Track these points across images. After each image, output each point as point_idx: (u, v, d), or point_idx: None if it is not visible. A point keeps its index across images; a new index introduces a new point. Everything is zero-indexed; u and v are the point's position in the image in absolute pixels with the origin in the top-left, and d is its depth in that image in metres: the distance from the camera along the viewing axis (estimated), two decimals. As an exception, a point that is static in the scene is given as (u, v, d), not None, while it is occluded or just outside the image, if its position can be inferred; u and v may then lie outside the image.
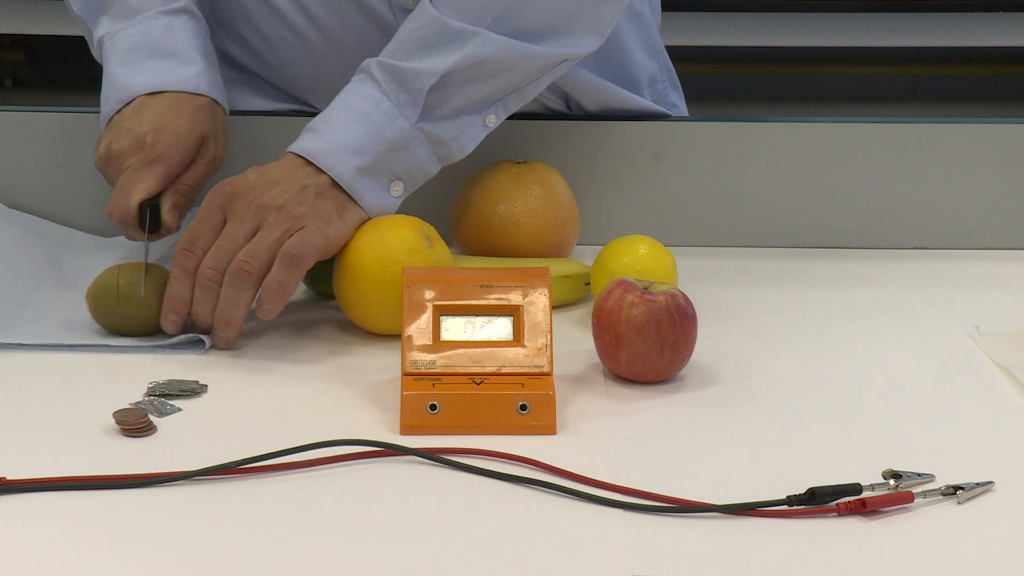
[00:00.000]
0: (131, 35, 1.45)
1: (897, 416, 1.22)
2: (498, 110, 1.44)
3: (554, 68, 1.45)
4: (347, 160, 1.36)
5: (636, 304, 1.25)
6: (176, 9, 1.47)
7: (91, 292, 1.34)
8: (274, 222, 1.32)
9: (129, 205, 1.37)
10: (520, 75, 1.43)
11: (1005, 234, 1.60)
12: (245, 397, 1.24)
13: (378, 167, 1.38)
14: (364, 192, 1.37)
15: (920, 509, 1.07)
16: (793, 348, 1.35)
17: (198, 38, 1.47)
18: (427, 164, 1.41)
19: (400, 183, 1.39)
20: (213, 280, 1.31)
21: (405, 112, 1.38)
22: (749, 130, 1.59)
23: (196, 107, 1.42)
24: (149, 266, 1.34)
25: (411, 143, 1.39)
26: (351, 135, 1.37)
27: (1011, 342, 1.35)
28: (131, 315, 1.32)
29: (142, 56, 1.44)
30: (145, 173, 1.38)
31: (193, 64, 1.45)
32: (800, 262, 1.57)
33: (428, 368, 1.20)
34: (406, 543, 1.02)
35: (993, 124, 1.59)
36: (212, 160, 1.43)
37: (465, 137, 1.42)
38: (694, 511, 1.06)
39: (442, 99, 1.40)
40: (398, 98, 1.38)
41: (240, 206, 1.33)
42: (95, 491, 1.08)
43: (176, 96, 1.43)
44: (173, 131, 1.40)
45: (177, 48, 1.45)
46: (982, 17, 3.81)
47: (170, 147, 1.39)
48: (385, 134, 1.38)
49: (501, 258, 1.45)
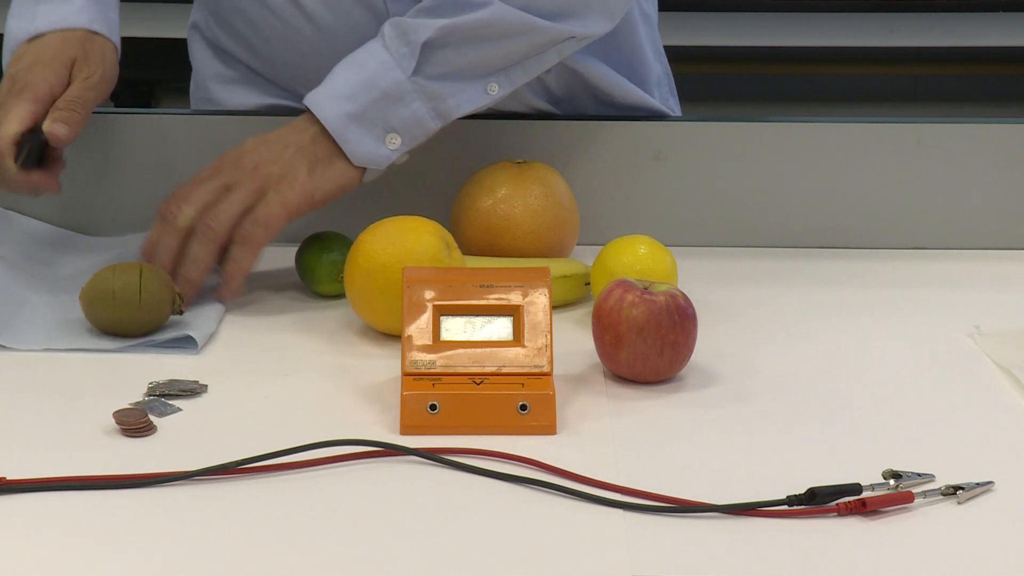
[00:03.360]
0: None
1: (897, 416, 1.22)
2: (501, 80, 1.45)
3: (560, 44, 1.46)
4: (336, 105, 1.39)
5: (636, 304, 1.25)
6: None
7: (85, 295, 1.33)
8: (243, 181, 1.37)
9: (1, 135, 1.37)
10: (524, 46, 1.44)
11: (1005, 234, 1.60)
12: (245, 397, 1.24)
13: (370, 116, 1.39)
14: (352, 139, 1.39)
15: (920, 509, 1.07)
16: (793, 348, 1.35)
17: None
18: (425, 119, 1.41)
19: (396, 135, 1.40)
20: (172, 220, 1.37)
21: (402, 64, 1.40)
22: (749, 130, 1.59)
23: (66, 38, 1.43)
24: (144, 267, 1.34)
25: (406, 95, 1.40)
26: (346, 82, 1.40)
27: (1011, 342, 1.35)
28: (127, 317, 1.32)
29: (31, 2, 1.45)
30: (12, 103, 1.38)
31: (72, 2, 1.44)
32: (800, 262, 1.57)
33: (428, 368, 1.20)
34: (406, 543, 1.02)
35: (993, 124, 1.59)
36: (89, 77, 1.42)
37: (463, 96, 1.43)
38: (694, 511, 1.06)
39: (439, 55, 1.41)
40: (397, 51, 1.40)
41: (223, 166, 1.39)
42: (95, 491, 1.08)
43: (53, 36, 1.43)
44: (40, 62, 1.40)
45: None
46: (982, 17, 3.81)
47: (36, 76, 1.39)
48: (378, 83, 1.40)
49: (501, 258, 1.45)
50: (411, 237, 1.33)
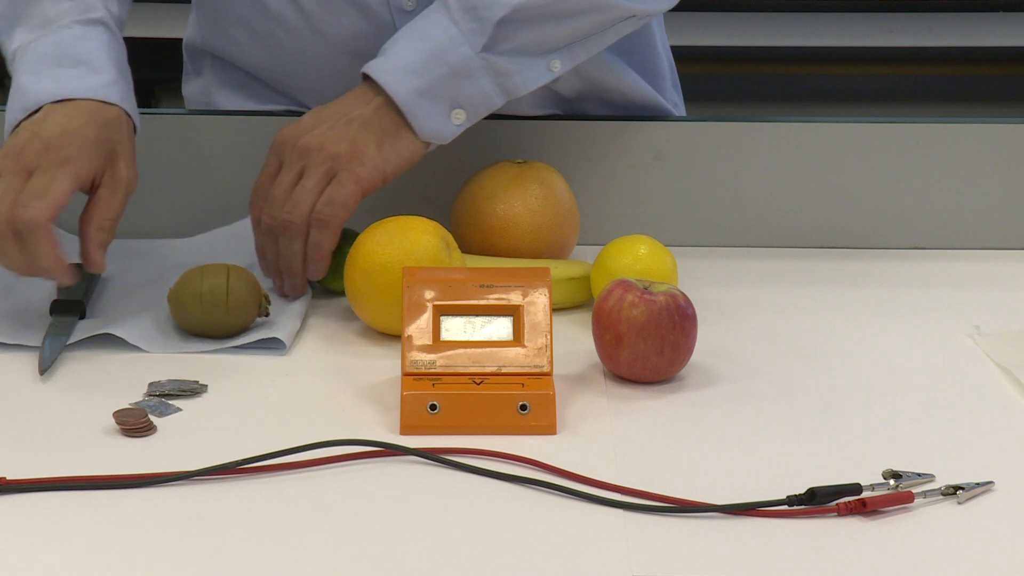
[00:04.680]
0: (43, 45, 1.39)
1: (897, 416, 1.22)
2: (563, 57, 1.45)
3: (620, 23, 1.47)
4: (406, 80, 1.38)
5: (636, 304, 1.25)
6: (92, 19, 1.40)
7: (174, 296, 1.33)
8: (313, 165, 1.37)
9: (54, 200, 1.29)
10: (590, 24, 1.45)
11: (1005, 234, 1.60)
12: (245, 397, 1.24)
13: (437, 91, 1.39)
14: (420, 114, 1.38)
15: (920, 509, 1.07)
16: (793, 348, 1.35)
17: (113, 49, 1.40)
18: (491, 95, 1.41)
19: (462, 111, 1.40)
20: (271, 227, 1.37)
21: (471, 40, 1.39)
22: (749, 130, 1.59)
23: (105, 118, 1.35)
24: (231, 268, 1.34)
25: (474, 71, 1.40)
26: (413, 55, 1.39)
27: (1011, 342, 1.35)
28: (214, 320, 1.32)
29: (51, 64, 1.37)
30: (56, 172, 1.30)
31: (104, 73, 1.37)
32: (800, 262, 1.57)
33: (428, 368, 1.20)
34: (406, 543, 1.02)
35: (993, 124, 1.59)
36: (128, 185, 1.35)
37: (529, 73, 1.43)
38: (694, 511, 1.06)
39: (510, 33, 1.41)
40: (466, 26, 1.39)
41: (288, 151, 1.38)
42: (95, 491, 1.08)
43: (84, 103, 1.35)
44: (82, 136, 1.32)
45: (89, 56, 1.38)
46: (982, 17, 3.81)
47: (80, 151, 1.32)
48: (447, 59, 1.39)
49: (501, 258, 1.45)
50: (411, 237, 1.33)
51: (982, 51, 3.88)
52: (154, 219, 1.56)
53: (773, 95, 4.08)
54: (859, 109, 4.00)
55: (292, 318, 1.35)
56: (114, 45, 1.41)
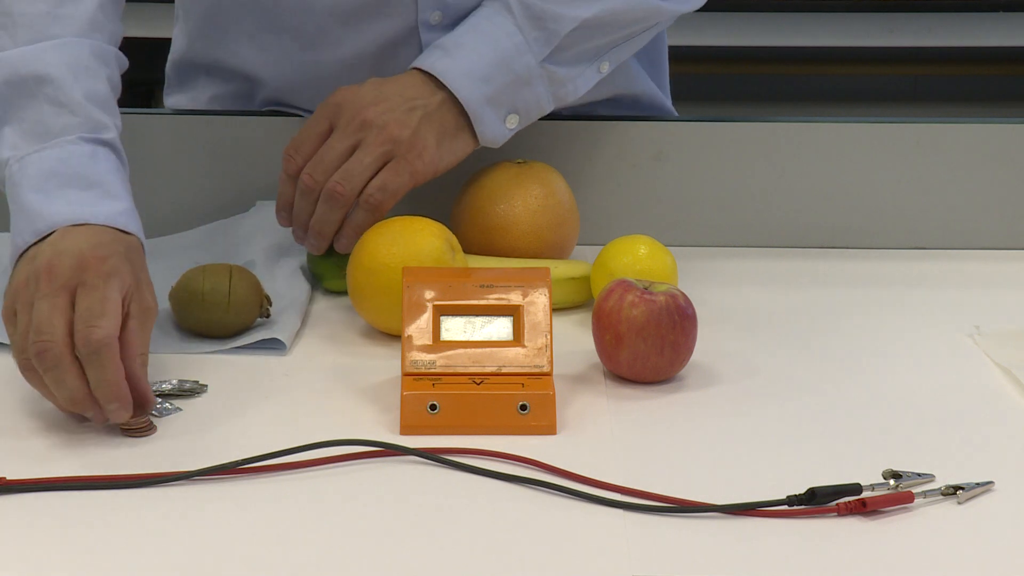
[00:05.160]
0: (47, 159, 1.25)
1: (897, 416, 1.22)
2: (612, 58, 1.48)
3: (656, 26, 1.50)
4: (476, 87, 1.39)
5: (636, 304, 1.25)
6: (102, 140, 1.28)
7: (175, 296, 1.33)
8: (372, 142, 1.36)
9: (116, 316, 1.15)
10: (639, 28, 1.47)
11: (1005, 234, 1.60)
12: (245, 397, 1.24)
13: (501, 98, 1.40)
14: (486, 119, 1.40)
15: (920, 509, 1.07)
16: (793, 348, 1.35)
17: (122, 174, 1.29)
18: (544, 102, 1.43)
19: (516, 116, 1.42)
20: (311, 188, 1.37)
21: (534, 49, 1.40)
22: (749, 130, 1.59)
23: (127, 244, 1.22)
24: (233, 268, 1.34)
25: (534, 79, 1.41)
26: (482, 61, 1.40)
27: (1011, 342, 1.35)
28: (215, 320, 1.32)
29: (60, 183, 1.24)
30: (108, 287, 1.16)
31: (121, 200, 1.25)
32: (800, 262, 1.57)
33: (428, 368, 1.20)
34: (406, 543, 1.02)
35: (993, 124, 1.59)
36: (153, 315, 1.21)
37: (581, 80, 1.45)
38: (694, 511, 1.06)
39: (571, 43, 1.42)
40: (531, 34, 1.40)
41: (345, 118, 1.37)
42: (95, 491, 1.08)
43: (102, 228, 1.22)
44: (115, 252, 1.19)
45: (103, 180, 1.25)
46: (982, 17, 3.81)
47: (120, 264, 1.18)
48: (513, 66, 1.40)
49: (501, 258, 1.45)
50: (416, 238, 1.33)
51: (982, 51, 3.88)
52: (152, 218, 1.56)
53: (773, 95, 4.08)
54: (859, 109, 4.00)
55: (293, 318, 1.35)
56: (123, 170, 1.29)
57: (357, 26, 1.49)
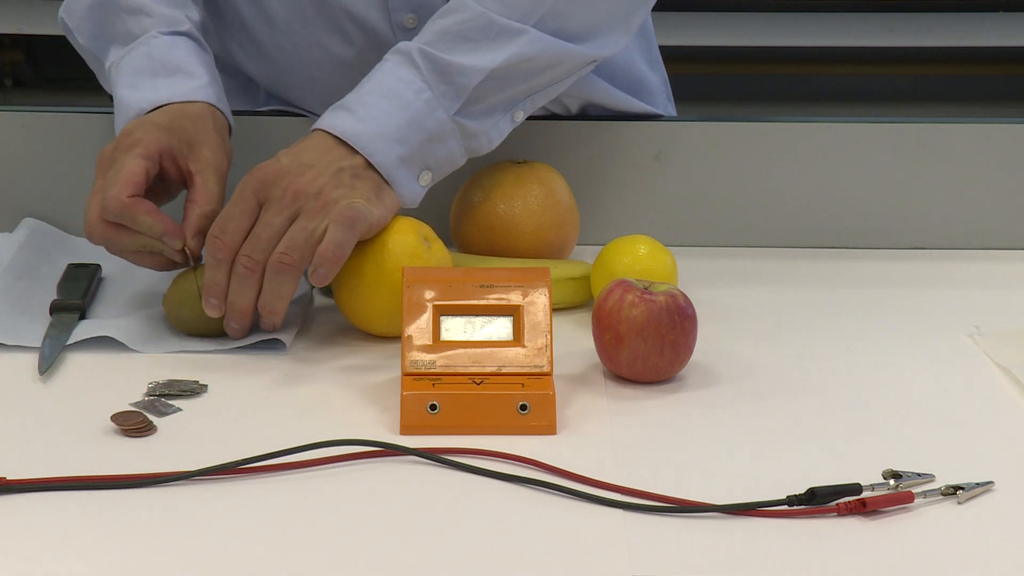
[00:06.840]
0: (135, 57, 1.43)
1: (897, 416, 1.22)
2: (526, 106, 1.44)
3: (582, 69, 1.46)
4: (390, 148, 1.35)
5: (636, 304, 1.25)
6: (178, 31, 1.45)
7: (170, 297, 1.33)
8: (312, 209, 1.30)
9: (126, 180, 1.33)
10: (555, 74, 1.43)
11: (1005, 234, 1.60)
12: (245, 397, 1.24)
13: (415, 157, 1.36)
14: (401, 181, 1.36)
15: (920, 509, 1.07)
16: (793, 348, 1.35)
17: (201, 55, 1.45)
18: (456, 156, 1.39)
19: (429, 173, 1.38)
20: (251, 270, 1.29)
21: (444, 103, 1.37)
22: (749, 130, 1.59)
23: (186, 112, 1.39)
24: None
25: (447, 135, 1.38)
26: (392, 122, 1.36)
27: (1011, 342, 1.35)
28: (212, 317, 1.31)
29: (148, 75, 1.42)
30: (126, 157, 1.34)
31: (197, 77, 1.42)
32: (800, 262, 1.57)
33: (428, 368, 1.20)
34: (406, 543, 1.02)
35: (993, 124, 1.59)
36: (217, 166, 1.37)
37: (494, 132, 1.42)
38: (694, 511, 1.06)
39: (481, 95, 1.39)
40: (438, 88, 1.37)
41: (276, 192, 1.31)
42: (95, 491, 1.08)
43: (174, 106, 1.40)
44: (149, 122, 1.37)
45: (181, 63, 1.42)
46: (982, 17, 3.82)
47: (146, 134, 1.36)
48: (425, 124, 1.36)
49: (501, 258, 1.45)
50: (387, 238, 1.31)
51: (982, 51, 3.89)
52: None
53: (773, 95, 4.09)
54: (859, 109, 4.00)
55: (292, 318, 1.35)
56: (201, 52, 1.45)
57: (336, 29, 1.49)
